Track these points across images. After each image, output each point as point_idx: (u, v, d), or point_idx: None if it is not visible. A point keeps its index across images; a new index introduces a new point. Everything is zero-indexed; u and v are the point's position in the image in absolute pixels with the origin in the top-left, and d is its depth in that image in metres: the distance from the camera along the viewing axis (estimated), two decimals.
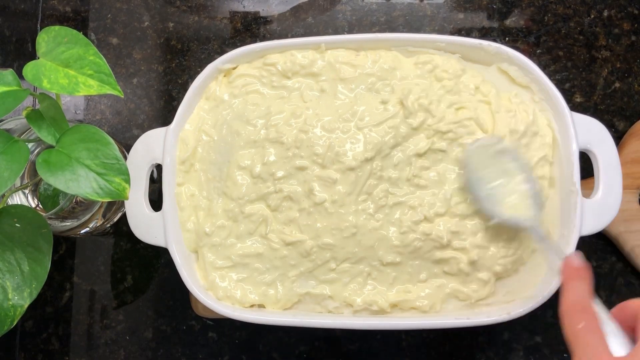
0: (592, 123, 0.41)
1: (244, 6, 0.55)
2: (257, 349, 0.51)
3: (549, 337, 0.49)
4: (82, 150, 0.34)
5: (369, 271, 0.42)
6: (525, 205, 0.39)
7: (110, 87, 0.34)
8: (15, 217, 0.36)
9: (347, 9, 0.54)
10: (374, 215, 0.41)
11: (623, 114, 0.52)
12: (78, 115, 0.55)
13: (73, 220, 0.46)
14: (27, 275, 0.35)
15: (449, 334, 0.50)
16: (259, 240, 0.43)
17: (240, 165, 0.42)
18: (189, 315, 0.51)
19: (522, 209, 0.39)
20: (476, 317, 0.40)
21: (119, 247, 0.53)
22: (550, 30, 0.53)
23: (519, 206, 0.39)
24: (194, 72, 0.54)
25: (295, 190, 0.42)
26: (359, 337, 0.50)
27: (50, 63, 0.35)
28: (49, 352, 0.52)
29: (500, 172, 0.40)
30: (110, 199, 0.34)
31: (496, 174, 0.40)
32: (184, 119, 0.44)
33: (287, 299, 0.42)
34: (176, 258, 0.42)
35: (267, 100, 0.44)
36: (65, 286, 0.52)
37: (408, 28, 0.54)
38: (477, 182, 0.40)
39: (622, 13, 0.53)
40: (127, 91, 0.54)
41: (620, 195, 0.40)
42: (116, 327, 0.52)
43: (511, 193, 0.40)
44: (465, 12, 0.54)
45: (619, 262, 0.50)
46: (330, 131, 0.42)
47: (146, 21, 0.55)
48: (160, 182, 0.44)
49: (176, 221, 0.43)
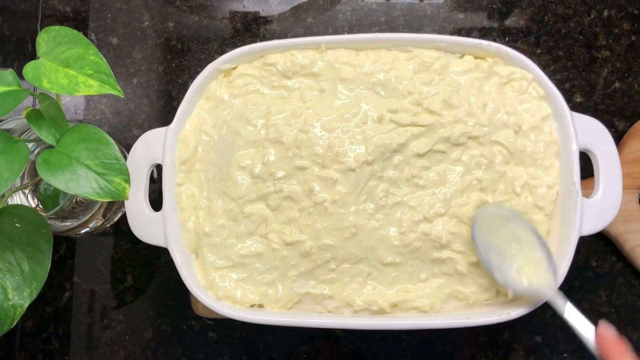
0: (592, 123, 0.42)
1: (244, 6, 0.55)
2: (257, 349, 0.51)
3: (549, 337, 0.49)
4: (82, 150, 0.34)
5: (369, 271, 0.42)
6: (541, 273, 0.38)
7: (110, 87, 0.34)
8: (15, 217, 0.36)
9: (347, 9, 0.54)
10: (374, 215, 0.41)
11: (623, 114, 0.52)
12: (78, 115, 0.55)
13: (73, 220, 0.46)
14: (27, 275, 0.35)
15: (449, 334, 0.50)
16: (259, 240, 0.43)
17: (240, 165, 0.42)
18: (189, 315, 0.51)
19: (537, 278, 0.38)
20: (476, 317, 0.40)
21: (119, 247, 0.53)
22: (550, 30, 0.53)
23: (534, 275, 0.38)
24: (194, 72, 0.54)
25: (295, 190, 0.42)
26: (359, 337, 0.50)
27: (50, 63, 0.35)
28: (49, 352, 0.52)
29: (511, 239, 0.39)
30: (110, 199, 0.34)
31: (507, 240, 0.39)
32: (184, 119, 0.44)
33: (287, 299, 0.42)
34: (176, 258, 0.42)
35: (267, 100, 0.44)
36: (65, 286, 0.52)
37: (408, 28, 0.54)
38: (487, 250, 0.39)
39: (622, 13, 0.53)
40: (127, 91, 0.54)
41: (620, 195, 0.40)
42: (116, 327, 0.52)
43: (524, 261, 0.38)
44: (465, 12, 0.54)
45: (619, 262, 0.50)
46: (330, 131, 0.42)
47: (146, 21, 0.55)
48: (160, 182, 0.44)
49: (176, 221, 0.43)
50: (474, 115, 0.42)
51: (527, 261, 0.38)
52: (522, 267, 0.38)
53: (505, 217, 0.39)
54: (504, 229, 0.39)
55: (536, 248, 0.38)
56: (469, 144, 0.42)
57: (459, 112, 0.42)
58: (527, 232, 0.39)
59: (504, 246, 0.39)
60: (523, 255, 0.39)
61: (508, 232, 0.39)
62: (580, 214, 0.40)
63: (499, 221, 0.39)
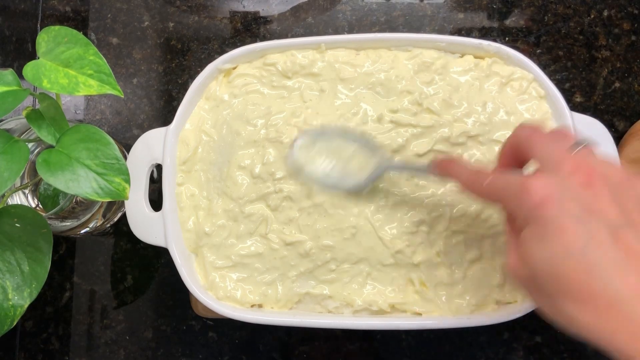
0: (592, 123, 0.42)
1: (244, 6, 0.55)
2: (257, 349, 0.51)
3: (549, 337, 0.49)
4: (82, 150, 0.34)
5: (369, 271, 0.42)
6: (366, 158, 0.40)
7: (110, 87, 0.34)
8: (15, 217, 0.36)
9: (347, 9, 0.54)
10: (374, 215, 0.41)
11: (623, 114, 0.52)
12: (78, 115, 0.55)
13: (73, 220, 0.46)
14: (27, 275, 0.35)
15: (449, 334, 0.50)
16: (259, 240, 0.43)
17: (240, 165, 0.42)
18: (189, 315, 0.51)
19: (365, 164, 0.40)
20: (476, 317, 0.40)
21: (119, 247, 0.53)
22: (550, 30, 0.53)
23: (362, 164, 0.40)
24: (194, 72, 0.54)
25: (295, 190, 0.41)
26: (359, 337, 0.50)
27: (50, 63, 0.35)
28: (49, 352, 0.52)
29: (329, 153, 0.41)
30: (110, 199, 0.34)
31: (325, 156, 0.41)
32: (184, 119, 0.44)
33: (287, 299, 0.42)
34: (176, 258, 0.42)
35: (267, 100, 0.44)
36: (65, 286, 0.52)
37: (408, 28, 0.54)
38: (310, 171, 0.41)
39: (622, 13, 0.53)
40: (127, 91, 0.54)
41: None
42: (116, 327, 0.52)
43: (346, 160, 0.40)
44: (465, 12, 0.54)
45: None
46: None
47: (146, 21, 0.55)
48: (160, 182, 0.44)
49: (176, 221, 0.43)
50: (474, 114, 0.42)
51: (349, 158, 0.40)
52: (348, 165, 0.40)
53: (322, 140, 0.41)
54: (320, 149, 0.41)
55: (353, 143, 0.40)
56: (469, 143, 0.42)
57: (458, 111, 0.42)
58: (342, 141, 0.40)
59: (324, 160, 0.41)
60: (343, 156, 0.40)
61: (325, 149, 0.41)
62: None
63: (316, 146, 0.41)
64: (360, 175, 0.40)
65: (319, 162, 0.40)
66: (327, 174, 0.40)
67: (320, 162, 0.40)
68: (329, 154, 0.40)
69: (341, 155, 0.40)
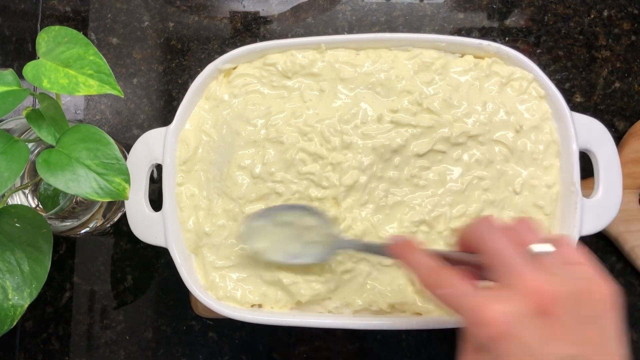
0: (592, 123, 0.42)
1: (244, 6, 0.55)
2: (257, 349, 0.51)
3: None
4: (82, 150, 0.34)
5: (369, 271, 0.42)
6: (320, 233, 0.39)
7: (110, 87, 0.34)
8: (15, 217, 0.36)
9: (347, 9, 0.54)
10: (374, 215, 0.41)
11: (623, 114, 0.52)
12: (78, 115, 0.55)
13: (73, 220, 0.46)
14: (27, 275, 0.35)
15: (449, 334, 0.50)
16: None
17: (240, 165, 0.42)
18: (189, 315, 0.51)
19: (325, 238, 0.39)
20: None
21: (119, 247, 0.53)
22: (550, 30, 0.53)
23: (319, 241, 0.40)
24: (194, 72, 0.54)
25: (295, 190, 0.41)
26: (359, 337, 0.50)
27: (50, 63, 0.35)
28: (49, 352, 0.52)
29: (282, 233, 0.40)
30: (110, 199, 0.34)
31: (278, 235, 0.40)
32: (184, 119, 0.44)
33: (287, 299, 0.42)
34: (176, 258, 0.42)
35: (267, 100, 0.44)
36: (65, 286, 0.52)
37: (408, 28, 0.54)
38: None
39: (622, 13, 0.53)
40: (127, 91, 0.54)
41: (620, 195, 0.40)
42: (116, 327, 0.52)
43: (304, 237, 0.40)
44: (465, 12, 0.54)
45: (619, 262, 0.50)
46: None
47: (146, 21, 0.55)
48: (160, 182, 0.44)
49: (176, 221, 0.43)
50: (474, 114, 0.42)
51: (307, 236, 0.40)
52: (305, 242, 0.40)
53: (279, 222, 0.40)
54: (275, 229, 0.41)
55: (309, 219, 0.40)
56: (469, 143, 0.42)
57: (458, 111, 0.42)
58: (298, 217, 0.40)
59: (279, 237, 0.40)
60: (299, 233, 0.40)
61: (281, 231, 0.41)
62: (580, 214, 0.40)
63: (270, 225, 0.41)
64: (314, 251, 0.40)
65: (269, 242, 0.40)
66: (278, 250, 0.40)
67: (271, 242, 0.40)
68: (279, 233, 0.40)
69: (291, 233, 0.40)
